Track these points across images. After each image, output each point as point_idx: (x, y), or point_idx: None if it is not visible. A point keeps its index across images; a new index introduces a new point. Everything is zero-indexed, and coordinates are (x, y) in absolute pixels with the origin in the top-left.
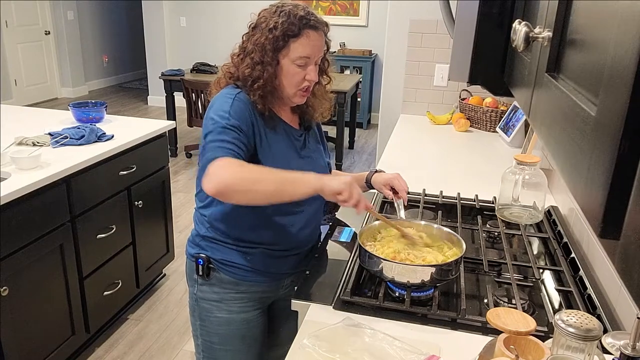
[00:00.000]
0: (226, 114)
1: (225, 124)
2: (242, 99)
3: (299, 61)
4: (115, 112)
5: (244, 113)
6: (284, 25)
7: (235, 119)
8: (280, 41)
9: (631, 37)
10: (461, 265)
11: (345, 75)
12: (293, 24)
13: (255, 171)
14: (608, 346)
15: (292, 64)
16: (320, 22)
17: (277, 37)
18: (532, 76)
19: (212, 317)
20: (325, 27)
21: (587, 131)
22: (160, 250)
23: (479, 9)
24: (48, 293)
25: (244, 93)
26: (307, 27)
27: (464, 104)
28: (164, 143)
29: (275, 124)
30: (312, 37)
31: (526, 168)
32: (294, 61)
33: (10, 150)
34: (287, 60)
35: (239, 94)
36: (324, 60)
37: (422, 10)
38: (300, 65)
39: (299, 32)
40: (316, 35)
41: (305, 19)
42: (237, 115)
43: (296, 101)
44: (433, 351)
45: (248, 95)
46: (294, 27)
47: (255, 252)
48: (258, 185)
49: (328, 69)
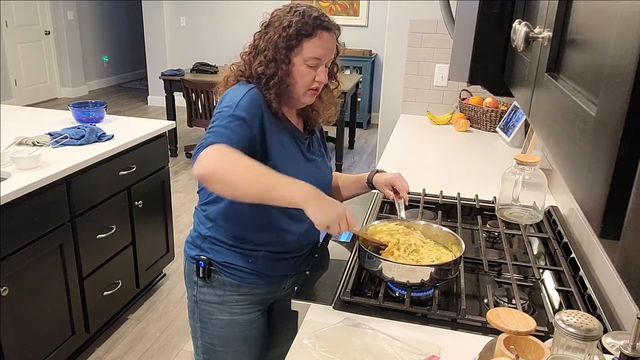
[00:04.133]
0: (234, 105)
1: (231, 113)
2: (255, 94)
3: (311, 62)
4: (115, 112)
5: (252, 107)
6: (298, 25)
7: (241, 110)
8: (293, 39)
9: (631, 37)
10: (461, 265)
11: (345, 75)
12: (307, 23)
13: (247, 168)
14: (608, 346)
15: (303, 64)
16: (333, 24)
17: (290, 35)
18: (532, 76)
19: (213, 319)
20: (337, 29)
21: (587, 131)
22: (160, 250)
23: (479, 9)
24: (48, 293)
25: (257, 90)
26: (320, 27)
27: (464, 104)
28: (164, 143)
29: (284, 126)
30: (324, 39)
31: (526, 168)
32: (306, 61)
33: (10, 150)
34: (299, 60)
35: (252, 89)
36: (334, 65)
37: (422, 10)
38: (311, 65)
39: (312, 32)
40: (329, 37)
41: (320, 19)
42: (245, 108)
43: (305, 101)
44: (433, 351)
45: (262, 93)
46: (308, 27)
47: (257, 254)
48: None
49: (337, 74)
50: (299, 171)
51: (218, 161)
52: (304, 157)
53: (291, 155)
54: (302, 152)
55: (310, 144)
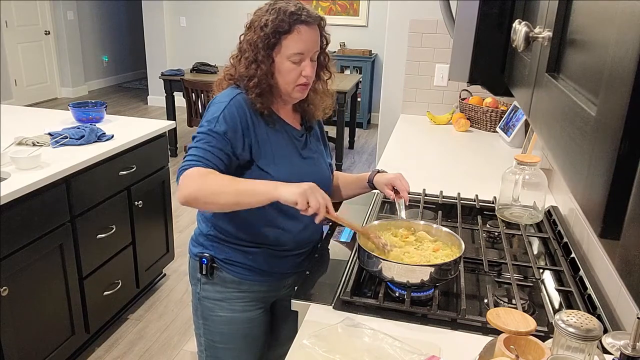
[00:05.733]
0: (214, 120)
1: (208, 130)
2: (239, 101)
3: (294, 57)
4: (115, 112)
5: (235, 118)
6: (274, 22)
7: (221, 124)
8: (272, 38)
9: (631, 37)
10: (461, 265)
11: (345, 75)
12: (283, 20)
13: (217, 183)
14: (608, 346)
15: (286, 60)
16: (313, 16)
17: (268, 34)
18: (532, 76)
19: (214, 316)
20: (319, 21)
21: (587, 131)
22: (160, 250)
23: (479, 9)
24: (48, 293)
25: (241, 96)
26: (297, 22)
27: (464, 104)
28: (163, 143)
29: (275, 124)
30: (303, 33)
31: (526, 168)
32: (289, 58)
33: (10, 150)
34: (281, 58)
35: (237, 96)
36: (324, 56)
37: (422, 10)
38: (294, 61)
39: (289, 28)
40: (308, 30)
41: (296, 14)
42: (226, 121)
43: (296, 96)
44: (433, 351)
45: (247, 94)
46: (284, 24)
47: (257, 251)
48: (219, 197)
49: (329, 64)
50: (292, 170)
51: (196, 186)
52: (299, 155)
53: (283, 154)
54: (298, 150)
55: (307, 141)
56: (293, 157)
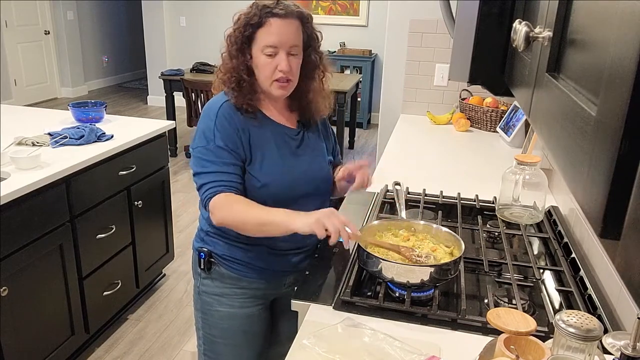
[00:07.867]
0: (211, 137)
1: (215, 146)
2: (225, 110)
3: (267, 50)
4: (115, 112)
5: (226, 127)
6: (247, 16)
7: (220, 139)
8: (246, 32)
9: (631, 37)
10: (461, 265)
11: (345, 75)
12: (255, 14)
13: (240, 215)
14: (608, 346)
15: (261, 54)
16: (290, 11)
17: (240, 27)
18: (533, 76)
19: (213, 311)
20: (298, 16)
21: (587, 131)
22: (160, 250)
23: (479, 9)
24: (48, 293)
25: (227, 104)
26: (269, 15)
27: (464, 103)
28: (163, 143)
29: (262, 125)
30: (275, 25)
31: (526, 168)
32: (263, 51)
33: (10, 150)
34: (257, 51)
35: (221, 106)
36: (315, 54)
37: (422, 10)
38: (269, 54)
39: (260, 20)
40: (281, 23)
41: (268, 7)
42: (221, 134)
43: (277, 94)
44: (433, 351)
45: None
46: (255, 17)
47: (256, 249)
48: (245, 227)
49: (323, 63)
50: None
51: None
52: (292, 154)
53: (271, 155)
54: (291, 149)
55: (303, 139)
56: (284, 156)
